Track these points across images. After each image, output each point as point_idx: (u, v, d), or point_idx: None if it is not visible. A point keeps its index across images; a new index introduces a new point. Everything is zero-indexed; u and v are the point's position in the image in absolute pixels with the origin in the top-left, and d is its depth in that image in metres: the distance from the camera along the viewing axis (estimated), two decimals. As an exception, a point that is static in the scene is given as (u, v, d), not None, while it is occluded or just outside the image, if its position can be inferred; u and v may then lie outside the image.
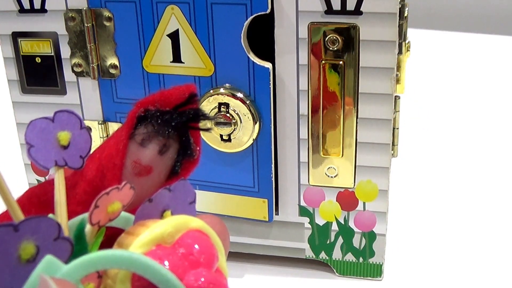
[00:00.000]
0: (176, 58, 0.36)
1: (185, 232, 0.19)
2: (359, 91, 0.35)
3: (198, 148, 0.23)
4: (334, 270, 0.40)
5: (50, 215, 0.19)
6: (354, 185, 0.37)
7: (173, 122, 0.22)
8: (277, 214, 0.39)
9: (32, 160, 0.20)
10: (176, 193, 0.21)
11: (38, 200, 0.22)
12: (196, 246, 0.19)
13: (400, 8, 0.33)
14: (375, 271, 0.39)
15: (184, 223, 0.19)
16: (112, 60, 0.37)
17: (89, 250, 0.19)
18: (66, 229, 0.19)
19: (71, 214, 0.20)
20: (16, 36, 0.38)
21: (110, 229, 0.20)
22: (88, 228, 0.19)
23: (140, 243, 0.18)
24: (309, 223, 0.39)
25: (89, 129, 0.22)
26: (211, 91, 0.36)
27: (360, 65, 0.34)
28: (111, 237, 0.20)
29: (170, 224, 0.19)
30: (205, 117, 0.23)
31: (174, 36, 0.36)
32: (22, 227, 0.16)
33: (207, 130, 0.23)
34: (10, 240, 0.16)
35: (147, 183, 0.22)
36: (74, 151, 0.21)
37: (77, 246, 0.18)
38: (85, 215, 0.19)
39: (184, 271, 0.18)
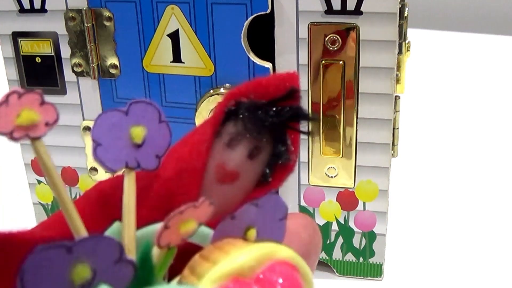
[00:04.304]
0: (176, 58, 0.36)
1: (268, 265, 0.16)
2: (359, 91, 0.35)
3: (295, 153, 0.19)
4: (334, 270, 0.40)
5: (116, 223, 0.17)
6: (354, 185, 0.37)
7: (268, 120, 0.18)
8: (277, 214, 0.39)
9: (98, 162, 0.17)
10: (265, 208, 0.18)
11: (106, 200, 0.19)
12: (280, 284, 0.16)
13: (400, 8, 0.33)
14: (375, 271, 0.39)
15: (269, 254, 0.16)
16: (112, 60, 0.37)
17: (156, 273, 0.16)
18: (133, 240, 0.17)
19: (142, 220, 0.17)
20: (16, 36, 0.38)
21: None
22: (155, 249, 0.16)
23: (214, 276, 0.15)
24: (309, 223, 0.39)
25: (167, 123, 0.18)
26: (211, 91, 0.36)
27: (360, 65, 0.34)
28: (183, 252, 0.17)
29: (252, 256, 0.16)
30: (307, 117, 0.19)
31: (174, 36, 0.36)
32: (76, 248, 0.14)
33: (309, 133, 0.20)
34: (62, 262, 0.14)
35: (232, 192, 0.19)
36: (149, 150, 0.18)
37: (141, 270, 0.16)
38: (153, 230, 0.16)
39: None
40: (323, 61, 0.34)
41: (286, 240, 0.19)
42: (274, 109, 0.18)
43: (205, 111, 0.36)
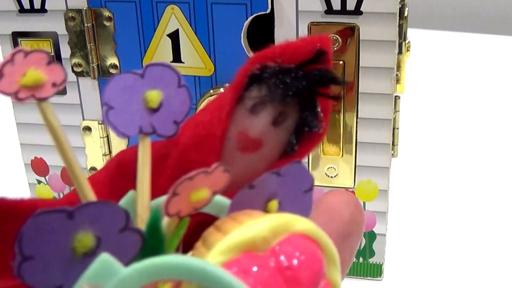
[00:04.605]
0: (176, 58, 0.36)
1: (285, 237, 0.15)
2: (359, 91, 0.35)
3: (325, 121, 0.18)
4: (334, 270, 0.40)
5: (131, 193, 0.16)
6: (354, 185, 0.37)
7: (295, 84, 0.17)
8: (277, 214, 0.39)
9: (109, 126, 0.16)
10: (287, 178, 0.16)
11: (125, 170, 0.17)
12: (297, 257, 0.14)
13: (400, 8, 0.33)
14: (375, 271, 0.39)
15: (285, 225, 0.15)
16: (112, 60, 0.37)
17: (167, 245, 0.15)
18: (147, 210, 0.16)
19: (159, 191, 0.16)
20: (16, 36, 0.38)
21: (201, 215, 0.16)
22: (166, 218, 0.15)
23: (223, 248, 0.14)
24: (309, 223, 0.39)
25: (188, 88, 0.17)
26: (211, 91, 0.36)
27: (360, 65, 0.34)
28: (202, 225, 0.16)
29: (266, 226, 0.14)
30: (336, 81, 0.18)
31: (174, 36, 0.36)
32: (78, 214, 0.13)
33: (337, 98, 0.18)
34: (62, 228, 0.13)
35: (254, 161, 0.17)
36: (166, 115, 0.16)
37: (150, 239, 0.15)
38: (162, 199, 0.15)
39: None
40: (323, 61, 0.34)
41: (326, 217, 0.18)
42: (302, 73, 0.17)
43: (205, 111, 0.36)
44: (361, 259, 0.39)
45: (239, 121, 0.17)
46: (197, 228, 0.16)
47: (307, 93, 0.17)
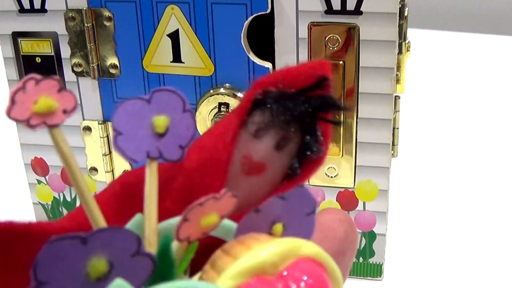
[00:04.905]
0: (176, 58, 0.36)
1: (293, 262, 0.15)
2: (359, 91, 0.35)
3: (326, 145, 0.19)
4: (334, 270, 0.40)
5: (138, 216, 0.17)
6: (354, 185, 0.37)
7: (297, 110, 0.17)
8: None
9: (118, 151, 0.16)
10: (291, 202, 0.17)
11: (131, 191, 0.18)
12: (304, 281, 0.15)
13: (400, 8, 0.33)
14: (375, 271, 0.39)
15: (293, 250, 0.15)
16: (112, 60, 0.37)
17: (176, 268, 0.16)
18: (155, 233, 0.16)
19: (165, 213, 0.16)
20: (16, 36, 0.38)
21: (207, 237, 0.16)
22: (175, 242, 0.16)
23: (234, 272, 0.14)
24: (309, 223, 0.39)
25: (192, 112, 0.17)
26: (211, 91, 0.36)
27: (360, 65, 0.34)
28: (207, 248, 0.16)
29: (275, 251, 0.15)
30: (337, 106, 0.18)
31: (174, 36, 0.36)
32: (91, 240, 0.13)
33: (338, 123, 0.19)
34: (77, 254, 0.13)
35: (258, 184, 0.18)
36: (172, 140, 0.17)
37: (161, 264, 0.15)
38: (176, 223, 0.15)
39: None
40: (323, 61, 0.34)
41: (320, 235, 0.18)
42: (303, 98, 0.18)
43: (205, 111, 0.36)
44: (361, 259, 0.39)
45: (243, 146, 0.18)
46: (203, 250, 0.16)
47: (309, 118, 0.18)
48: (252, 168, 0.18)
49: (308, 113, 0.18)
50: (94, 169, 0.40)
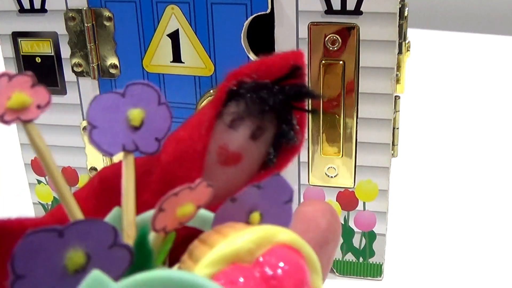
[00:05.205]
0: (176, 58, 0.36)
1: (269, 248, 0.15)
2: (359, 91, 0.35)
3: (301, 133, 0.19)
4: (334, 270, 0.40)
5: (116, 209, 0.17)
6: (354, 185, 0.37)
7: (271, 99, 0.18)
8: (277, 214, 0.39)
9: (94, 145, 0.16)
10: (268, 190, 0.17)
11: (109, 185, 0.18)
12: (281, 268, 0.15)
13: (400, 8, 0.33)
14: (375, 271, 0.39)
15: (269, 237, 0.15)
16: (112, 60, 0.37)
17: (155, 259, 0.16)
18: (133, 226, 0.16)
19: (144, 206, 0.16)
20: (16, 36, 0.38)
21: (186, 228, 0.17)
22: (153, 233, 0.16)
23: (209, 260, 0.15)
24: (309, 223, 0.39)
25: (168, 105, 0.17)
26: (211, 91, 0.36)
27: (360, 65, 0.34)
28: (186, 239, 0.16)
29: (250, 238, 0.15)
30: (311, 95, 0.18)
31: (174, 36, 0.36)
32: (68, 232, 0.13)
33: (313, 111, 0.19)
34: (54, 247, 0.13)
35: (235, 174, 0.18)
36: (148, 132, 0.17)
37: (139, 255, 0.15)
38: (150, 216, 0.16)
39: None
40: (323, 61, 0.34)
41: (302, 226, 0.19)
42: (277, 88, 0.18)
43: (205, 111, 0.36)
44: (361, 259, 0.39)
45: (219, 136, 0.18)
46: (182, 242, 0.16)
47: (284, 107, 0.18)
48: (228, 158, 0.18)
49: (282, 102, 0.18)
50: (94, 169, 0.40)
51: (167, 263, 0.17)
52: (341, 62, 0.34)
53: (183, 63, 0.36)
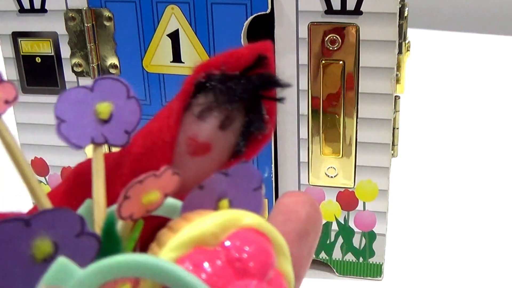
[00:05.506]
0: (176, 58, 0.36)
1: (233, 232, 0.15)
2: (359, 91, 0.35)
3: (270, 122, 0.19)
4: (334, 270, 0.40)
5: (88, 201, 0.17)
6: (354, 185, 0.37)
7: (239, 89, 0.18)
8: (277, 214, 0.39)
9: (62, 138, 0.16)
10: (236, 178, 0.17)
11: (82, 179, 0.18)
12: (245, 251, 0.15)
13: (400, 8, 0.33)
14: (375, 271, 0.39)
15: (233, 220, 0.15)
16: (112, 60, 0.37)
17: (124, 247, 0.16)
18: (103, 218, 0.16)
19: (116, 198, 0.16)
20: (16, 36, 0.38)
21: (157, 218, 0.17)
22: (120, 221, 0.16)
23: (174, 245, 0.15)
24: (309, 223, 0.39)
25: (137, 99, 0.18)
26: (211, 91, 0.36)
27: (360, 65, 0.34)
28: (158, 229, 0.16)
29: (215, 222, 0.15)
30: (278, 83, 0.18)
31: (174, 36, 0.36)
32: (35, 221, 0.13)
33: (280, 100, 0.18)
34: (20, 236, 0.13)
35: (205, 164, 0.18)
36: (117, 125, 0.17)
37: (107, 243, 0.15)
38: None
39: (227, 283, 0.14)
40: (323, 61, 0.34)
41: (282, 218, 0.19)
42: (245, 78, 0.18)
43: (205, 111, 0.36)
44: (361, 259, 0.39)
45: (188, 127, 0.18)
46: (153, 232, 0.16)
47: (252, 97, 0.18)
48: (198, 148, 0.18)
49: (250, 91, 0.18)
50: (94, 169, 0.40)
51: (138, 251, 0.17)
52: (341, 62, 0.34)
53: (183, 63, 0.36)
